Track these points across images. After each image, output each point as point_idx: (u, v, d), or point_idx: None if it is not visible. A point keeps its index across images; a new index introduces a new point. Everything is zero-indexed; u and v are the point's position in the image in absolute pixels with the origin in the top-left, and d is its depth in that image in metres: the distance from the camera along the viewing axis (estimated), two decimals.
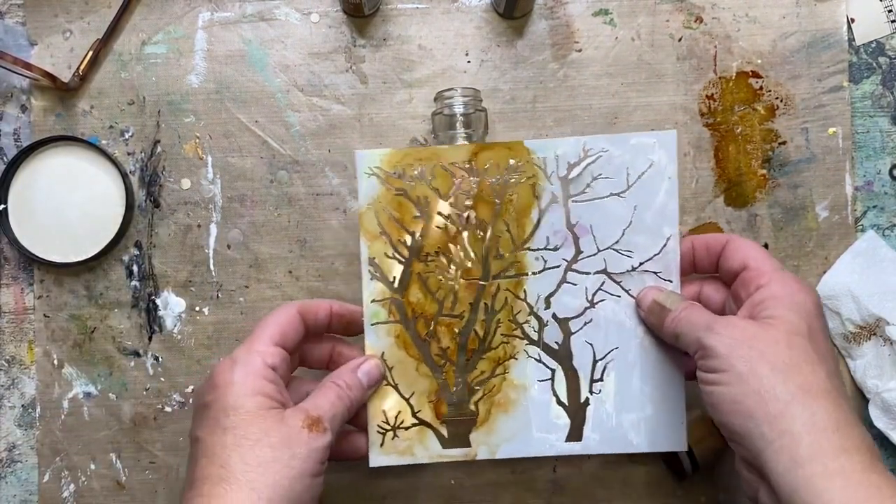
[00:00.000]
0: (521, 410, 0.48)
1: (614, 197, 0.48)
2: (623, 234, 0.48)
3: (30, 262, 0.54)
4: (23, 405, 0.54)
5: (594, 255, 0.48)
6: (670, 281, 0.48)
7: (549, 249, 0.48)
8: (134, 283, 0.54)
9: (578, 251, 0.48)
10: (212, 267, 0.54)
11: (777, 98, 0.55)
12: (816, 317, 0.42)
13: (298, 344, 0.47)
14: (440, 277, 0.48)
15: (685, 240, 0.48)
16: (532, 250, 0.48)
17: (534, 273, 0.48)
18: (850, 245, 0.54)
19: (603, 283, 0.48)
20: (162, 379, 0.54)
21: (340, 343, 0.49)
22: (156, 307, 0.54)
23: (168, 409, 0.54)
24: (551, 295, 0.48)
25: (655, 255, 0.48)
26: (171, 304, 0.54)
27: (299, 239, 0.54)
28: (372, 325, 0.48)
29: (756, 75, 0.55)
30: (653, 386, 0.48)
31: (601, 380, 0.48)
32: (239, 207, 0.54)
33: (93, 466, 0.54)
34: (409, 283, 0.48)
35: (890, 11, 0.55)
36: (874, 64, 0.55)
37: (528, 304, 0.48)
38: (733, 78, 0.55)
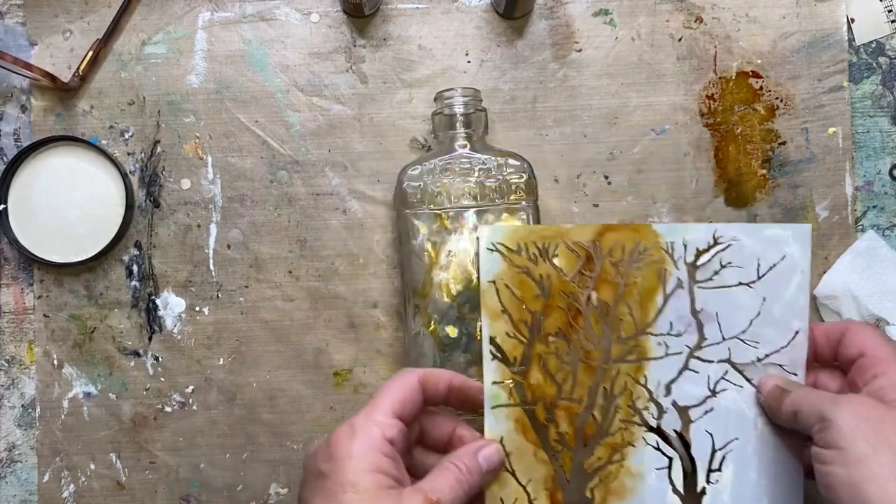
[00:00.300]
0: (636, 498, 0.46)
1: (743, 286, 0.46)
2: (750, 324, 0.46)
3: (30, 262, 0.54)
4: (23, 405, 0.54)
5: (718, 343, 0.47)
6: (795, 374, 0.46)
7: (673, 335, 0.46)
8: (134, 283, 0.54)
9: (703, 338, 0.47)
10: (212, 267, 0.54)
11: (777, 98, 0.55)
12: None
13: (416, 416, 0.45)
14: (560, 360, 0.46)
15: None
16: (654, 335, 0.46)
17: (655, 358, 0.46)
18: (851, 245, 0.54)
19: (726, 372, 0.46)
20: (162, 379, 0.54)
21: (462, 425, 0.46)
22: (156, 307, 0.54)
23: (168, 409, 0.54)
24: (672, 382, 0.47)
25: (783, 347, 0.46)
26: (171, 304, 0.54)
27: (299, 239, 0.54)
28: (493, 408, 0.46)
29: (756, 75, 0.55)
30: (770, 479, 0.46)
31: (719, 470, 0.46)
32: (239, 207, 0.54)
33: (93, 466, 0.54)
34: (530, 365, 0.46)
35: (890, 11, 0.55)
36: (874, 64, 0.55)
37: (648, 389, 0.46)
38: (733, 78, 0.55)
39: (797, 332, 0.46)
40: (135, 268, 0.54)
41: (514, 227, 0.47)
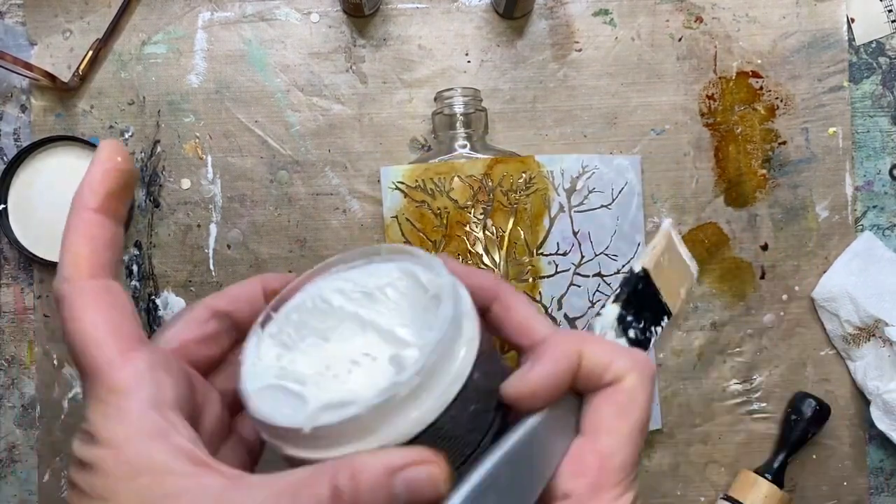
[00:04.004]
0: None
1: (604, 208, 0.52)
2: (611, 240, 0.52)
3: (30, 262, 0.54)
4: (23, 405, 0.54)
5: (592, 259, 0.51)
6: None
7: (559, 254, 0.51)
8: (134, 283, 0.54)
9: (582, 256, 0.51)
10: (212, 267, 0.54)
11: (777, 98, 0.55)
12: None
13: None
14: None
15: None
16: (545, 255, 0.51)
17: (547, 276, 0.51)
18: (851, 244, 0.54)
19: (599, 284, 0.52)
20: None
21: None
22: (156, 307, 0.54)
23: None
24: (562, 297, 0.51)
25: (631, 258, 0.52)
26: (171, 305, 0.54)
27: (299, 239, 0.54)
28: None
29: (756, 75, 0.55)
30: None
31: None
32: (239, 207, 0.54)
33: None
34: None
35: (890, 11, 0.55)
36: (874, 64, 0.55)
37: (543, 305, 0.51)
38: (733, 78, 0.55)
39: (639, 244, 0.53)
40: (135, 268, 0.54)
41: (411, 167, 0.50)
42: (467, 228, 0.50)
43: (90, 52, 0.54)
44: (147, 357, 0.28)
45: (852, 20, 0.55)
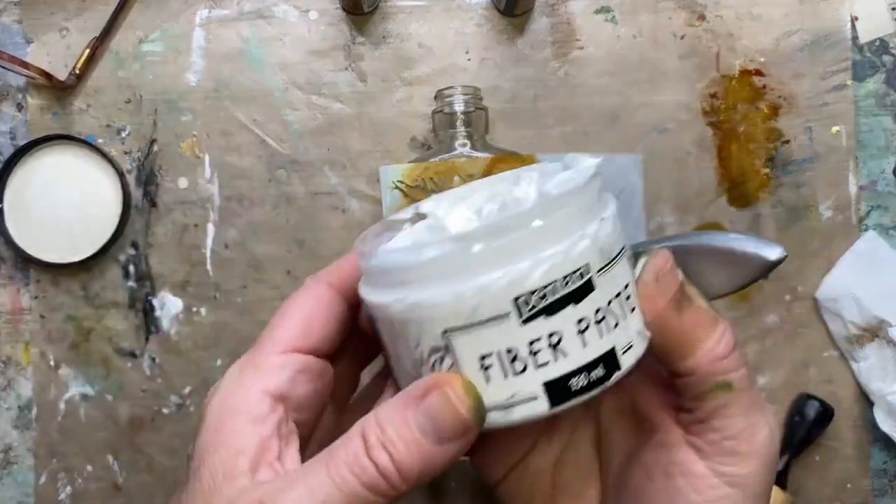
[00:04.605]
0: None
1: None
2: None
3: (26, 263, 0.54)
4: (19, 406, 0.54)
5: None
6: None
7: None
8: (130, 283, 0.54)
9: None
10: (209, 267, 0.54)
11: (780, 97, 0.54)
12: None
13: (340, 335, 0.33)
14: None
15: None
16: None
17: None
18: (854, 245, 0.54)
19: None
20: (159, 380, 0.54)
21: None
22: (153, 308, 0.54)
23: (165, 410, 0.54)
24: None
25: None
26: (169, 305, 0.54)
27: (298, 239, 0.54)
28: None
29: (759, 74, 0.54)
30: None
31: None
32: (237, 207, 0.54)
33: (89, 468, 0.54)
34: None
35: (894, 9, 0.55)
36: (878, 62, 0.55)
37: None
38: (736, 76, 0.54)
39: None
40: (131, 268, 0.54)
41: (411, 166, 0.49)
42: None
43: (87, 51, 0.53)
44: (306, 361, 0.31)
45: (856, 18, 0.55)
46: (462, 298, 0.27)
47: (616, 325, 0.29)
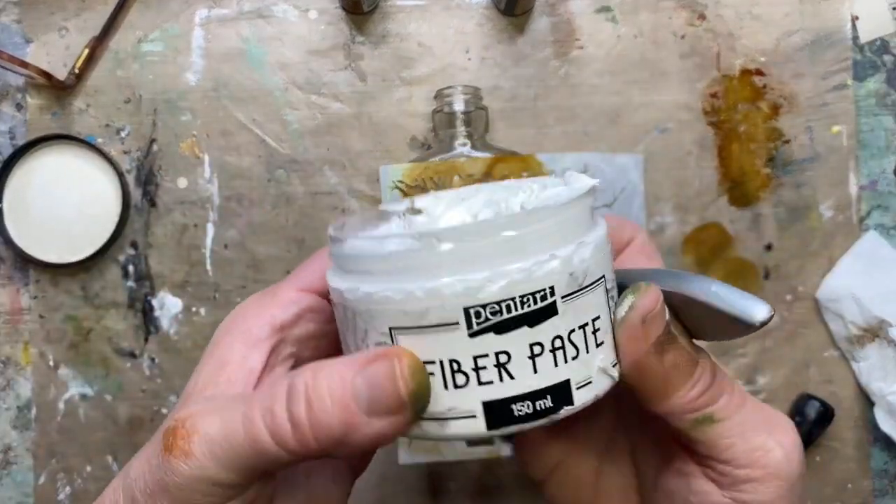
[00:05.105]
0: None
1: (605, 208, 0.51)
2: None
3: (25, 263, 0.54)
4: (18, 406, 0.54)
5: None
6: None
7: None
8: (130, 283, 0.54)
9: None
10: (208, 267, 0.54)
11: (781, 96, 0.54)
12: None
13: None
14: None
15: None
16: None
17: None
18: (854, 244, 0.54)
19: None
20: (158, 380, 0.54)
21: None
22: (152, 308, 0.54)
23: (164, 410, 0.54)
24: None
25: None
26: (168, 305, 0.54)
27: (297, 239, 0.54)
28: None
29: (759, 73, 0.54)
30: None
31: None
32: (236, 207, 0.54)
33: (89, 468, 0.54)
34: None
35: (894, 9, 0.55)
36: (878, 62, 0.55)
37: None
38: (736, 76, 0.54)
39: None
40: (131, 268, 0.54)
41: (411, 166, 0.49)
42: None
43: (86, 50, 0.53)
44: (316, 301, 0.32)
45: (856, 18, 0.55)
46: (412, 298, 0.26)
47: (576, 357, 0.27)
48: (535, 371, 0.26)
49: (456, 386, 0.26)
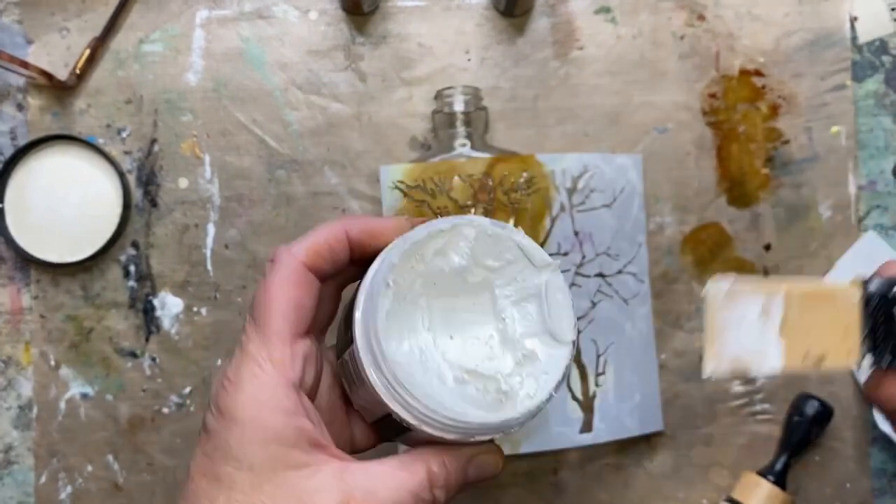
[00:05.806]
0: None
1: (605, 208, 0.51)
2: (612, 240, 0.51)
3: (26, 262, 0.54)
4: (19, 406, 0.54)
5: (593, 259, 0.51)
6: (643, 281, 0.52)
7: (561, 254, 0.50)
8: (131, 283, 0.54)
9: (583, 256, 0.50)
10: (209, 267, 0.54)
11: (780, 97, 0.54)
12: None
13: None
14: None
15: None
16: None
17: None
18: (853, 245, 0.54)
19: (600, 285, 0.51)
20: (159, 380, 0.54)
21: None
22: (153, 308, 0.54)
23: (165, 410, 0.54)
24: None
25: (633, 258, 0.52)
26: (169, 305, 0.54)
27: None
28: None
29: (759, 74, 0.54)
30: (639, 375, 0.52)
31: (603, 373, 0.51)
32: (237, 207, 0.54)
33: (90, 468, 0.54)
34: None
35: (893, 10, 0.55)
36: (877, 62, 0.55)
37: None
38: (736, 76, 0.54)
39: (640, 244, 0.53)
40: (132, 268, 0.54)
41: (411, 166, 0.49)
42: None
43: (87, 51, 0.53)
44: (307, 346, 0.35)
45: (855, 18, 0.55)
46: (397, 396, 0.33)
47: None
48: None
49: None
